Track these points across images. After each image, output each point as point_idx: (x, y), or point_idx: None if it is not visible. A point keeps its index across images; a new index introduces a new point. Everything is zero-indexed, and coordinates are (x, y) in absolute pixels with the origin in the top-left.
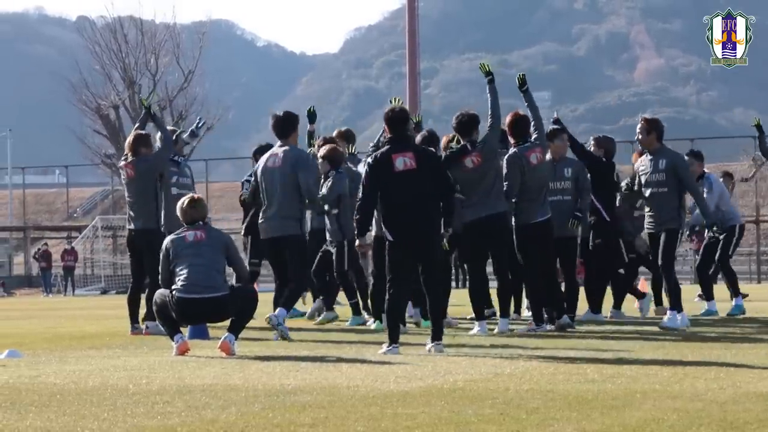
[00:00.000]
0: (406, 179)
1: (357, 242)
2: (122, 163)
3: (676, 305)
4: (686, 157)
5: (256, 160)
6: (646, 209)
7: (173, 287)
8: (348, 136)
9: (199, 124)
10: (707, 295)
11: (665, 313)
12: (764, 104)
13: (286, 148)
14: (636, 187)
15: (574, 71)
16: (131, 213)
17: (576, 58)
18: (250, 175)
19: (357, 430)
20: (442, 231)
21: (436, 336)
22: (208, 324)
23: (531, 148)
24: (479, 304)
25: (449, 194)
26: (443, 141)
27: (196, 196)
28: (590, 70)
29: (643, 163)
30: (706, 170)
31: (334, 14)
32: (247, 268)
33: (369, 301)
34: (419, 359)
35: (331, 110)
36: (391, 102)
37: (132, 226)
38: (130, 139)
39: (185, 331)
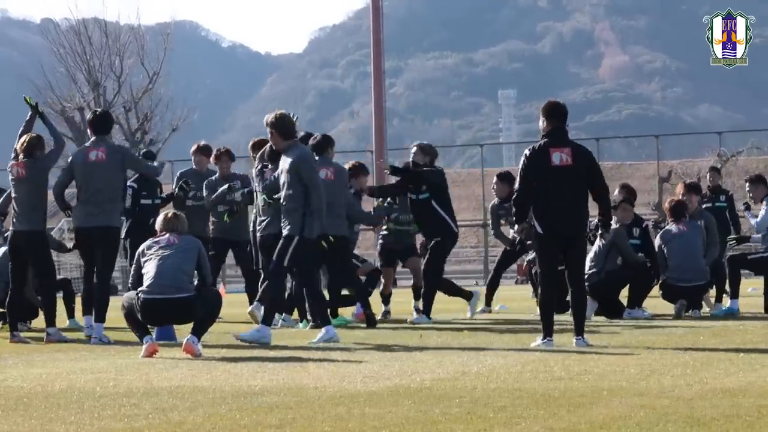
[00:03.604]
0: (562, 174)
1: (516, 227)
2: (12, 162)
3: (270, 317)
4: (747, 184)
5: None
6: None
7: (139, 289)
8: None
9: None
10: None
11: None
12: (728, 101)
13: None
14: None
15: (540, 69)
16: (17, 214)
17: (541, 56)
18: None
19: (324, 430)
20: (600, 232)
21: (579, 331)
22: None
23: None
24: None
25: (604, 194)
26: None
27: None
28: (555, 68)
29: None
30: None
31: (298, 14)
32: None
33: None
34: (386, 359)
35: (296, 110)
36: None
37: (18, 228)
38: (24, 139)
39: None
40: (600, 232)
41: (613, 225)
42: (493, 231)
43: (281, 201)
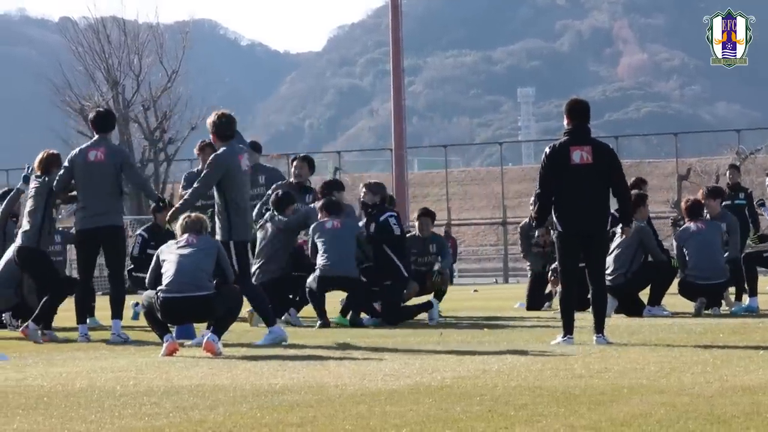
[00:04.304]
0: (582, 173)
1: (537, 232)
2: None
3: (268, 318)
4: (767, 178)
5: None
6: None
7: (159, 287)
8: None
9: (28, 171)
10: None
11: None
12: (747, 99)
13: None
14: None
15: (558, 67)
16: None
17: (560, 54)
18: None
19: (345, 428)
20: (621, 228)
21: (599, 329)
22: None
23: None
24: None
25: (624, 192)
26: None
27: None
28: (574, 66)
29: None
30: None
31: (317, 12)
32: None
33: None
34: (407, 357)
35: (315, 109)
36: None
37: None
38: (40, 156)
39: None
40: (621, 228)
41: (637, 223)
42: (522, 252)
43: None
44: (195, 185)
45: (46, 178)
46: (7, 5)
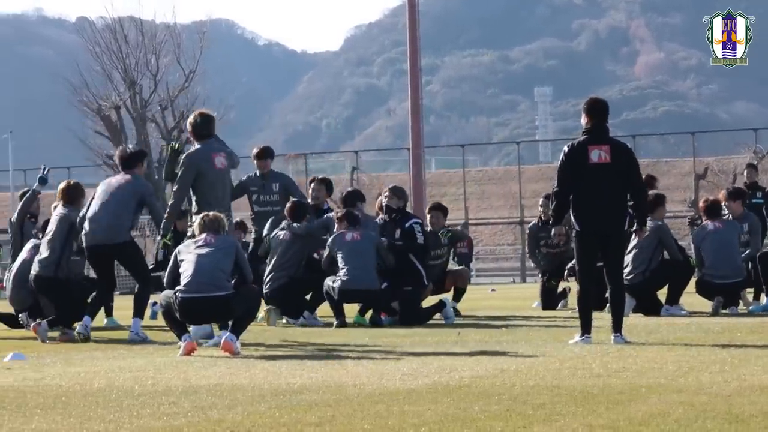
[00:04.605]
0: (600, 172)
1: (553, 231)
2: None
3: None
4: None
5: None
6: None
7: (177, 288)
8: None
9: (45, 172)
10: None
11: None
12: (764, 98)
13: None
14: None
15: (575, 66)
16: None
17: (577, 53)
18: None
19: (364, 428)
20: (635, 231)
21: (617, 328)
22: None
23: None
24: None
25: (640, 191)
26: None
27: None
28: (591, 65)
29: (255, 185)
30: None
31: (334, 12)
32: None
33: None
34: (424, 356)
35: (332, 108)
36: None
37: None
38: (63, 186)
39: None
40: (635, 228)
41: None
42: (529, 254)
43: None
44: (173, 190)
45: (71, 212)
46: (24, 5)
